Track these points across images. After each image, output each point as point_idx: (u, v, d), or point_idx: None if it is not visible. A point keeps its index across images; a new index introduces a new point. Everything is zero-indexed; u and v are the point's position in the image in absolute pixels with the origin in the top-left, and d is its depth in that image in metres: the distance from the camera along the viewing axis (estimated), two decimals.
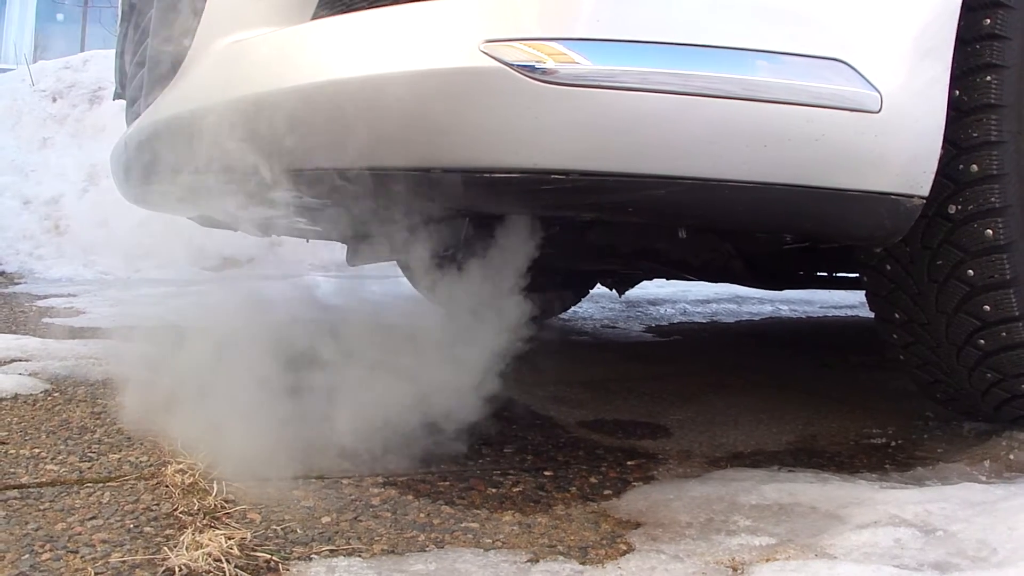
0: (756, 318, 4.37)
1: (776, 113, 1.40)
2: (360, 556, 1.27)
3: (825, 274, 2.65)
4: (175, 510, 1.41)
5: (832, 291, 4.88)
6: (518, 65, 1.33)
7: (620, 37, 1.37)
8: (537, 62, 1.33)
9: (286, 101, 1.48)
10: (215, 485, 1.50)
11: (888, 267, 1.79)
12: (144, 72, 2.01)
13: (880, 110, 1.46)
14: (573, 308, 4.21)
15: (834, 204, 1.51)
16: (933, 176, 1.54)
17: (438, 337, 1.93)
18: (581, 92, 1.35)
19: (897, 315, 1.84)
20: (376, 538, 1.34)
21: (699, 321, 4.20)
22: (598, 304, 4.60)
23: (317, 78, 1.46)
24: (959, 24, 1.54)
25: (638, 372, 2.79)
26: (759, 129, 1.40)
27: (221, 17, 1.67)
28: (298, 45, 1.52)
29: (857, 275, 2.33)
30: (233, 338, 1.95)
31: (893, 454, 1.86)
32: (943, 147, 1.54)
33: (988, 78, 1.63)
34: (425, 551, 1.30)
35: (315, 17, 1.53)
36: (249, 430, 1.70)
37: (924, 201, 1.55)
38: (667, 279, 3.14)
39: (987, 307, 1.68)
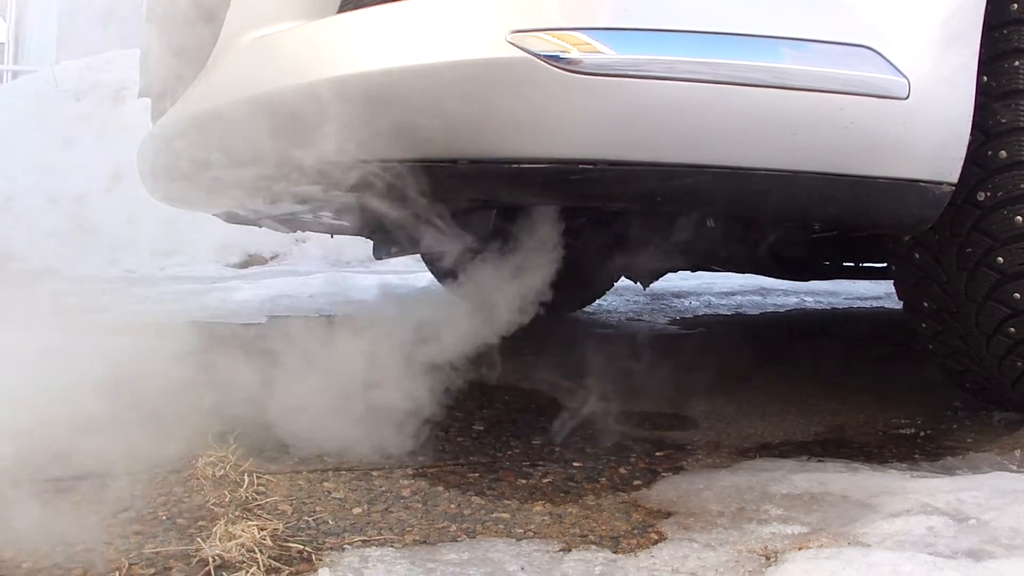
0: (781, 310, 4.35)
1: (805, 101, 1.40)
2: (392, 546, 1.27)
3: (852, 264, 2.64)
4: (207, 502, 1.42)
5: (857, 282, 4.86)
6: (544, 55, 1.33)
7: (645, 26, 1.37)
8: (562, 52, 1.33)
9: (313, 95, 1.49)
10: (246, 477, 1.51)
11: (916, 256, 1.78)
12: (169, 69, 2.02)
13: (908, 97, 1.45)
14: (598, 301, 4.20)
15: (863, 192, 1.50)
16: (962, 163, 1.53)
17: (463, 331, 1.93)
18: (607, 81, 1.35)
19: (926, 304, 1.83)
20: (408, 529, 1.35)
21: (724, 313, 4.19)
22: (622, 297, 4.59)
23: (344, 71, 1.46)
24: (986, 9, 1.54)
25: (664, 364, 2.78)
26: (788, 117, 1.40)
27: (247, 12, 1.68)
28: (325, 39, 1.53)
29: (884, 264, 2.33)
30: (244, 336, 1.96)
31: (922, 444, 1.85)
32: (971, 133, 1.53)
33: (1016, 63, 1.63)
34: (457, 541, 1.30)
35: (341, 11, 1.53)
36: (265, 423, 1.74)
37: (953, 188, 1.55)
38: (693, 271, 3.12)
39: (1017, 295, 1.67)
